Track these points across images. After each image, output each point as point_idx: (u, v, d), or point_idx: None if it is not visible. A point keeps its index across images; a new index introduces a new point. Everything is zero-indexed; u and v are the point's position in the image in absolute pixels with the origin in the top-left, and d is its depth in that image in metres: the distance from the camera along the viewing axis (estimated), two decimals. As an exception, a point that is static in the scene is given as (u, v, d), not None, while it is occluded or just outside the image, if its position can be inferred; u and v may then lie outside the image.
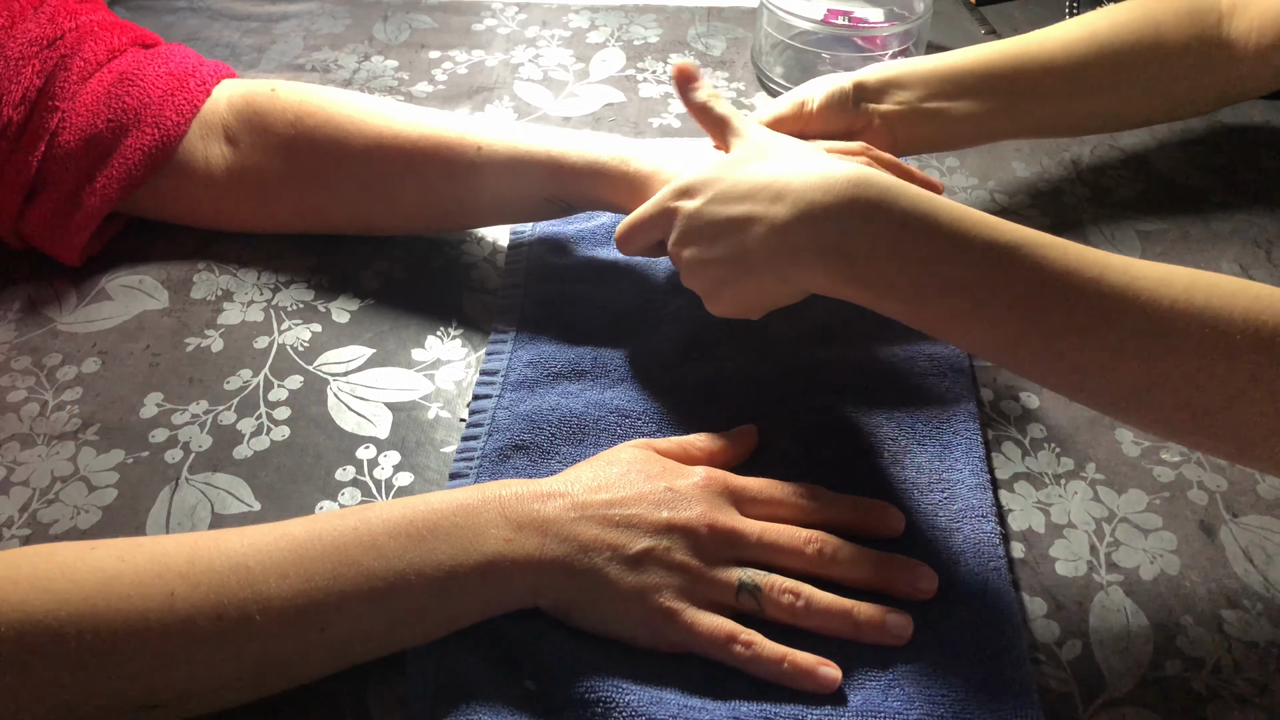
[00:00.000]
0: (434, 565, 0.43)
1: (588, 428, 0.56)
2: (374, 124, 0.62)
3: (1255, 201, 0.73)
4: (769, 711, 0.44)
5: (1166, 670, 0.47)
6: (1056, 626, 0.49)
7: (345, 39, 0.90)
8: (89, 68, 0.63)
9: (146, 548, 0.42)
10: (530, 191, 0.62)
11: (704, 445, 0.53)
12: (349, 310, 0.64)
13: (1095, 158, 0.77)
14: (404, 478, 0.55)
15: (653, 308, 0.63)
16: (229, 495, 0.54)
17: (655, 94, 0.83)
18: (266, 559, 0.42)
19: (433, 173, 0.62)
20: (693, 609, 0.46)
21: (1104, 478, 0.55)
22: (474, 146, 0.61)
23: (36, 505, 0.53)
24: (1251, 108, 0.82)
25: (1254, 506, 0.54)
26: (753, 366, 0.59)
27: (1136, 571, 0.51)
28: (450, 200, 0.63)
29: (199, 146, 0.64)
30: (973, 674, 0.45)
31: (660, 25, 0.92)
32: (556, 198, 0.62)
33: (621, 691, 0.44)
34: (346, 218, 0.66)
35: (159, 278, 0.66)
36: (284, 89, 0.65)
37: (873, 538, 0.50)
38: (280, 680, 0.43)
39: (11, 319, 0.63)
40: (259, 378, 0.60)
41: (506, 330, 0.62)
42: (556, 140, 0.61)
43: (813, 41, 0.82)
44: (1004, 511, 0.54)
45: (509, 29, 0.91)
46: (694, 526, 0.47)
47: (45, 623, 0.38)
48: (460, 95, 0.83)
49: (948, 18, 0.93)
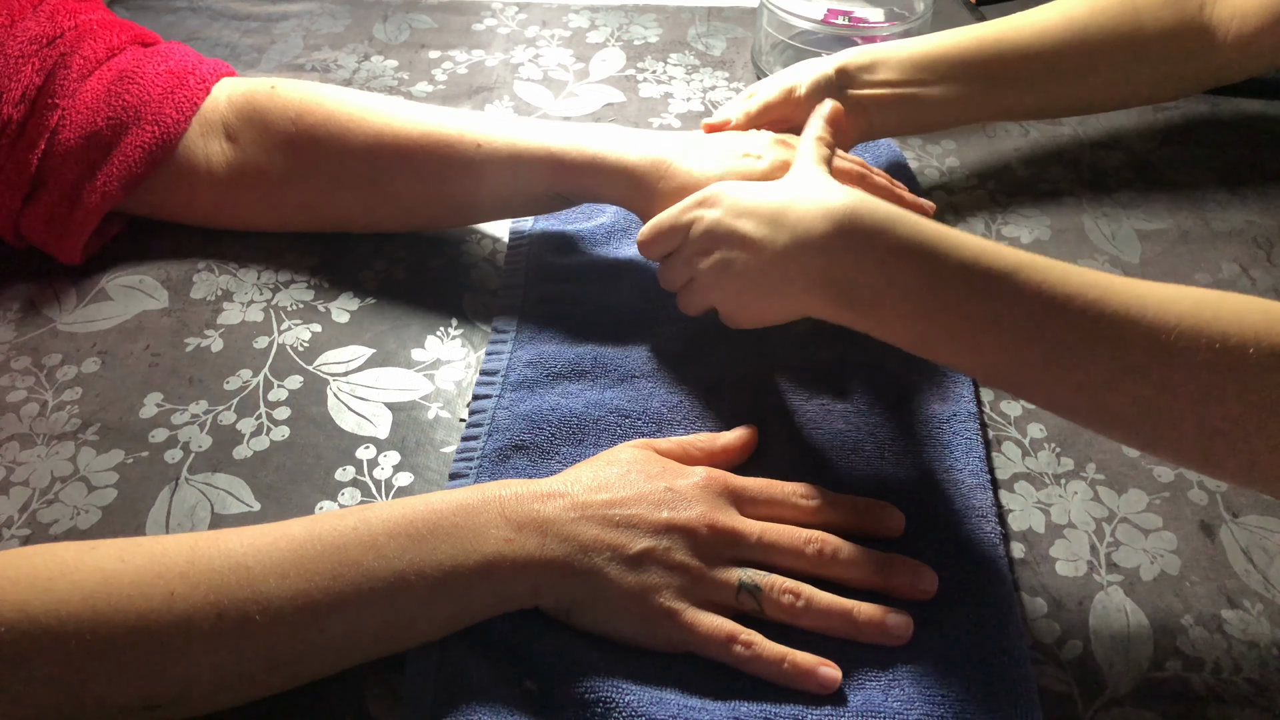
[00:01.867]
0: (434, 565, 0.43)
1: (588, 428, 0.56)
2: (374, 121, 0.62)
3: (1255, 201, 0.73)
4: (769, 711, 0.44)
5: (1166, 670, 0.47)
6: (1056, 626, 0.49)
7: (345, 39, 0.90)
8: (89, 66, 0.63)
9: (146, 548, 0.42)
10: (530, 187, 0.62)
11: (704, 445, 0.53)
12: (349, 310, 0.64)
13: (1095, 158, 0.77)
14: (404, 478, 0.55)
15: (653, 308, 0.63)
16: (229, 495, 0.54)
17: (655, 94, 0.83)
18: (266, 559, 0.42)
19: (433, 169, 0.62)
20: (693, 609, 0.46)
21: (1104, 478, 0.55)
22: (473, 143, 0.61)
23: (36, 505, 0.53)
24: (1251, 107, 0.82)
25: (1254, 506, 0.54)
26: (753, 366, 0.59)
27: (1136, 571, 0.51)
28: (451, 196, 0.64)
29: (199, 144, 0.64)
30: (973, 674, 0.45)
31: (660, 25, 0.92)
32: (556, 193, 0.62)
33: (621, 691, 0.44)
34: (348, 215, 0.66)
35: (159, 278, 0.66)
36: (284, 86, 0.65)
37: (873, 538, 0.50)
38: (280, 680, 0.43)
39: (11, 319, 0.63)
40: (259, 378, 0.60)
41: (506, 330, 0.62)
42: (555, 136, 0.61)
43: (813, 41, 0.82)
44: (1004, 511, 0.54)
45: (509, 29, 0.91)
46: (694, 527, 0.47)
47: (45, 623, 0.38)
48: (460, 95, 0.83)
49: (948, 18, 0.93)
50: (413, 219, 0.66)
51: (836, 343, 0.61)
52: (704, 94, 0.83)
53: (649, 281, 0.64)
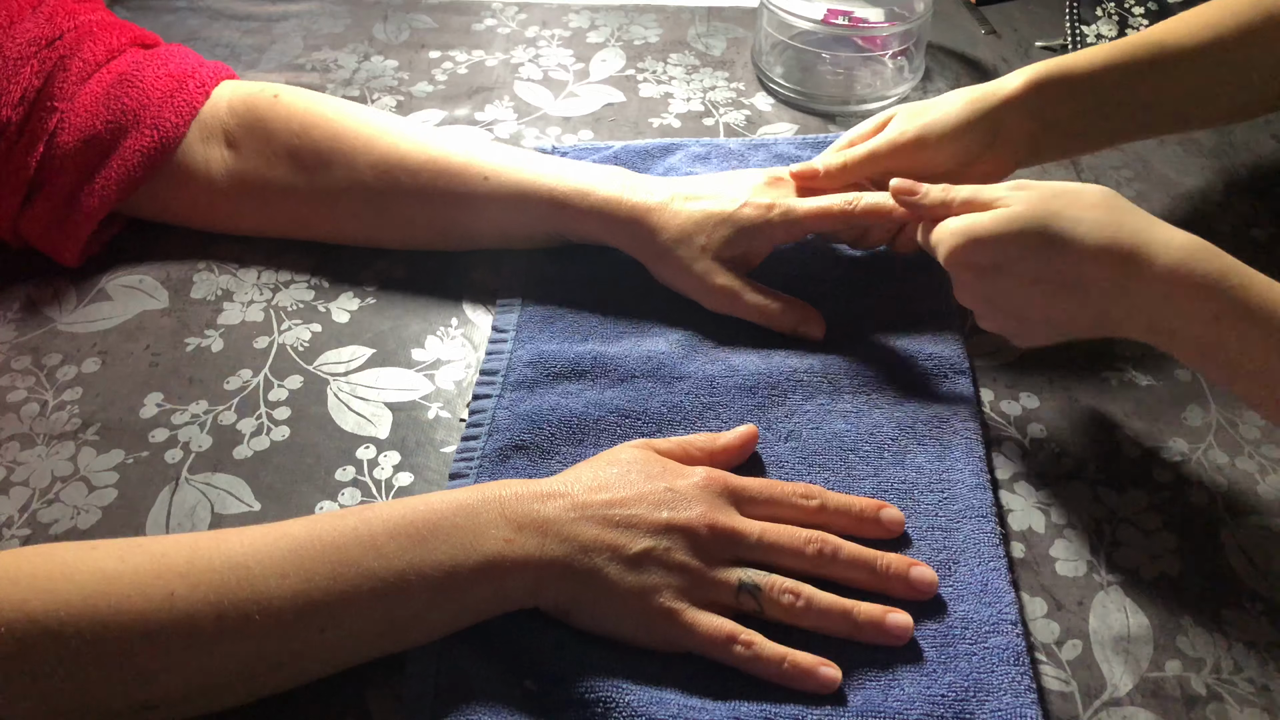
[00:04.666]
0: (434, 565, 0.43)
1: (588, 428, 0.56)
2: (380, 143, 0.62)
3: (1256, 202, 0.73)
4: (769, 711, 0.44)
5: (1166, 670, 0.47)
6: (1056, 626, 0.49)
7: (345, 39, 0.90)
8: (88, 68, 0.63)
9: (146, 548, 0.42)
10: (532, 229, 0.63)
11: (704, 445, 0.53)
12: (349, 310, 0.64)
13: (1095, 158, 0.77)
14: (404, 478, 0.55)
15: (653, 308, 0.63)
16: (229, 495, 0.54)
17: (655, 94, 0.83)
18: (266, 559, 0.42)
19: (438, 199, 0.62)
20: (693, 609, 0.46)
21: (1104, 478, 0.55)
22: (479, 176, 0.62)
23: (36, 505, 0.53)
24: (1251, 108, 0.82)
25: (1254, 506, 0.54)
26: (752, 366, 0.59)
27: (1136, 571, 0.51)
28: (453, 226, 0.64)
29: (199, 149, 0.64)
30: (973, 674, 0.45)
31: (660, 25, 0.92)
32: (559, 235, 0.63)
33: (621, 691, 0.44)
34: (346, 232, 0.66)
35: (159, 278, 0.66)
36: (286, 96, 0.65)
37: (873, 538, 0.50)
38: (280, 680, 0.43)
39: (11, 319, 0.63)
40: (259, 378, 0.60)
41: (506, 330, 0.62)
42: (560, 179, 0.61)
43: (813, 41, 0.82)
44: (1004, 511, 0.54)
45: (509, 29, 0.91)
46: (694, 527, 0.47)
47: (45, 623, 0.38)
48: (460, 95, 0.83)
49: (948, 18, 0.93)
50: (412, 241, 0.66)
51: (836, 343, 0.61)
52: (704, 94, 0.83)
53: (649, 282, 0.64)
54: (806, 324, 0.61)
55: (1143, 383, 0.60)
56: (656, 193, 0.61)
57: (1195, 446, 0.57)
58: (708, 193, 0.61)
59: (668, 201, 0.60)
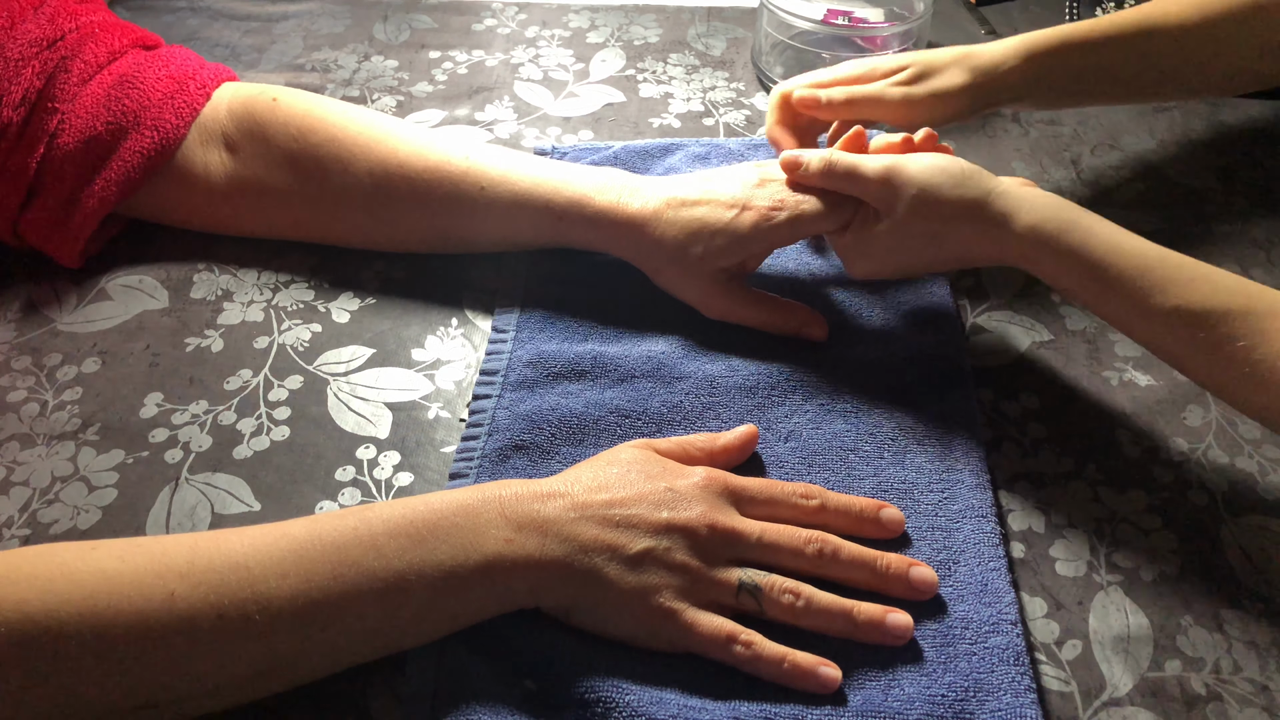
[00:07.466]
0: (434, 565, 0.43)
1: (588, 428, 0.56)
2: (378, 149, 0.62)
3: (1255, 201, 0.73)
4: (769, 711, 0.44)
5: (1166, 670, 0.47)
6: (1056, 626, 0.49)
7: (345, 39, 0.90)
8: (89, 69, 0.63)
9: (146, 548, 0.42)
10: (530, 236, 0.63)
11: (704, 445, 0.53)
12: (349, 310, 0.64)
13: (1095, 158, 0.77)
14: (404, 478, 0.55)
15: (653, 308, 0.63)
16: (229, 495, 0.54)
17: (655, 94, 0.83)
18: (266, 559, 0.42)
19: (435, 206, 0.62)
20: (693, 609, 0.46)
21: (1104, 478, 0.55)
22: (477, 186, 0.61)
23: (36, 505, 0.53)
24: (1251, 107, 0.82)
25: (1254, 506, 0.54)
26: (752, 366, 0.59)
27: (1136, 571, 0.51)
28: (451, 231, 0.64)
29: (198, 152, 0.64)
30: (973, 674, 0.45)
31: (660, 25, 0.92)
32: (557, 243, 0.63)
33: (621, 691, 0.44)
34: (345, 235, 0.66)
35: (159, 278, 0.66)
36: (285, 100, 0.65)
37: (873, 538, 0.50)
38: (280, 680, 0.43)
39: (11, 319, 0.63)
40: (259, 378, 0.60)
41: (506, 330, 0.62)
42: (557, 190, 0.61)
43: (813, 41, 0.82)
44: (1004, 511, 0.54)
45: (509, 29, 0.91)
46: (694, 527, 0.47)
47: (45, 623, 0.38)
48: (460, 95, 0.83)
49: (948, 18, 0.93)
50: (410, 246, 0.66)
51: (835, 343, 0.61)
52: (704, 94, 0.83)
53: (649, 282, 0.64)
54: (808, 326, 0.61)
55: (1143, 383, 0.60)
56: (652, 200, 0.60)
57: (1195, 446, 0.57)
58: (703, 197, 0.60)
59: (662, 209, 0.60)
